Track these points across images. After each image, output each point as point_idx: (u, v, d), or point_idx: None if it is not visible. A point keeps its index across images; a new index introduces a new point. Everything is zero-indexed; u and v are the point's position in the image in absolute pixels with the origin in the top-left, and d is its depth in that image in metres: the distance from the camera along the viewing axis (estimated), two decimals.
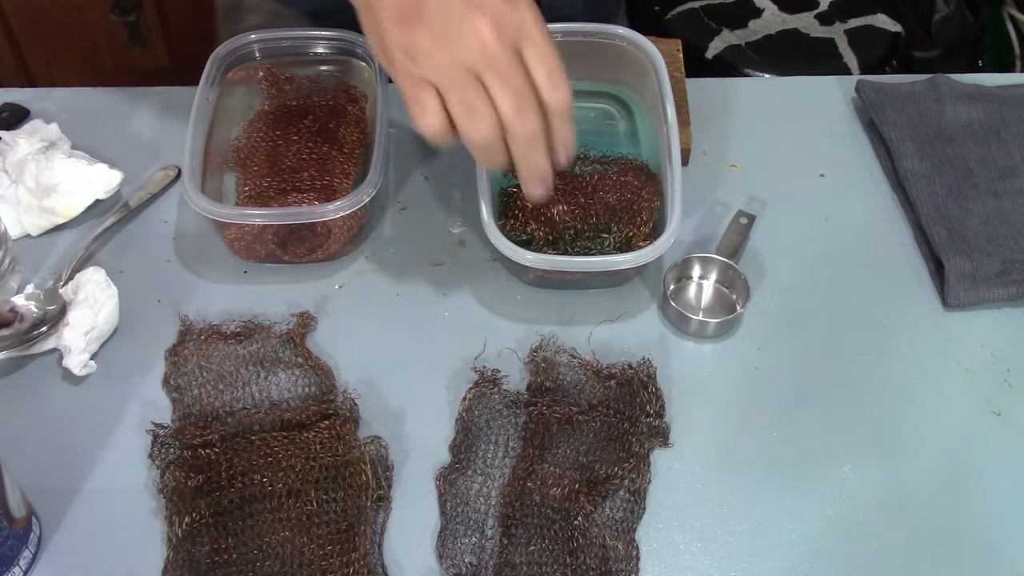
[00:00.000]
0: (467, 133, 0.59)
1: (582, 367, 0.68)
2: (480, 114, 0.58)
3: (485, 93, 0.58)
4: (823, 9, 1.49)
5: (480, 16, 0.57)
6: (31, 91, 0.89)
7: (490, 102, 0.58)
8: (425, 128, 0.59)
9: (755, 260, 0.76)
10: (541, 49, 0.59)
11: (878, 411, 0.67)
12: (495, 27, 0.57)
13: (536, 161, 0.61)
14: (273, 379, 0.67)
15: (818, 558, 0.60)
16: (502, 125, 0.59)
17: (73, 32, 1.59)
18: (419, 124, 0.60)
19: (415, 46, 0.58)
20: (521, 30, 0.58)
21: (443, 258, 0.76)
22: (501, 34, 0.57)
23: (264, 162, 0.76)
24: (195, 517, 0.59)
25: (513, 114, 0.59)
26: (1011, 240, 0.76)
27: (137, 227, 0.78)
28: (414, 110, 0.59)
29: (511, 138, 0.60)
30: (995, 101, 0.87)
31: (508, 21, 0.58)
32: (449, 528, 0.60)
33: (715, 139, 0.86)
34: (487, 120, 0.58)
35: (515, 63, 0.58)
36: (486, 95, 0.58)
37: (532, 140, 0.60)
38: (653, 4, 1.51)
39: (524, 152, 0.61)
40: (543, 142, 0.61)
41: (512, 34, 0.58)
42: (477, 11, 0.57)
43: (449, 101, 0.58)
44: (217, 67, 0.80)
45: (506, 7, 0.58)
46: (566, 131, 0.62)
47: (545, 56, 0.59)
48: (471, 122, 0.58)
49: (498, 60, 0.57)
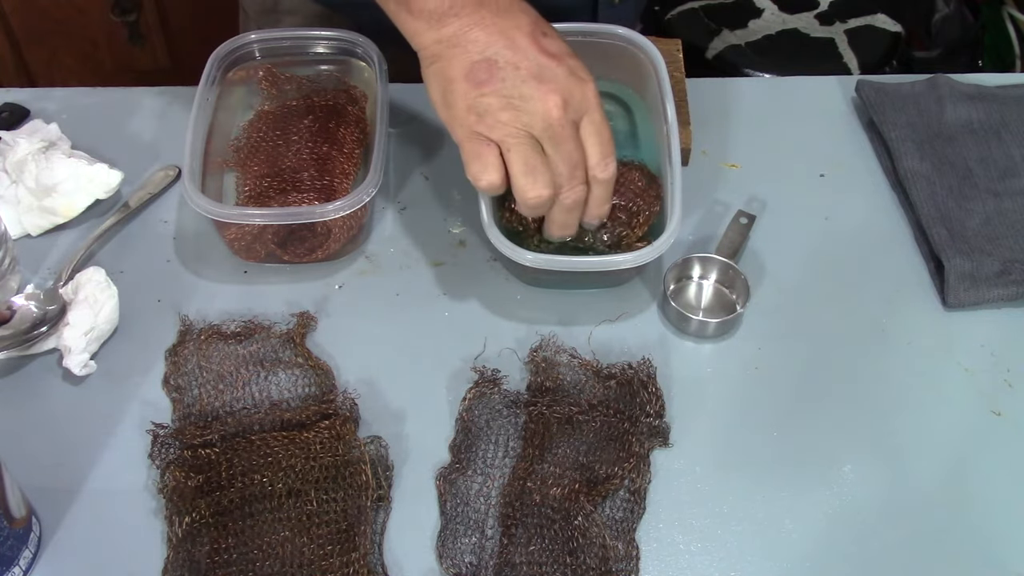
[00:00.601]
0: (525, 193, 0.63)
1: (582, 367, 0.68)
2: (539, 178, 0.63)
3: (545, 158, 0.63)
4: (823, 9, 1.49)
5: (548, 87, 0.61)
6: (31, 91, 0.89)
7: (548, 167, 0.63)
8: (484, 183, 0.64)
9: (755, 260, 0.76)
10: (598, 126, 0.64)
11: (878, 411, 0.67)
12: (562, 99, 0.62)
13: (569, 222, 0.68)
14: (273, 379, 0.67)
15: (818, 558, 0.60)
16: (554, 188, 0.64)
17: (73, 32, 1.59)
18: (478, 178, 0.64)
19: (484, 106, 0.62)
20: (583, 106, 0.63)
21: (443, 258, 0.76)
22: (566, 106, 0.62)
23: (264, 162, 0.76)
24: (195, 517, 0.59)
25: (563, 181, 0.64)
26: (1011, 240, 0.76)
27: (137, 227, 0.78)
28: (474, 165, 0.63)
29: (557, 202, 0.65)
30: (995, 101, 0.87)
31: (575, 97, 0.62)
32: (449, 528, 0.60)
33: (715, 139, 0.86)
34: (544, 183, 0.63)
35: (575, 136, 0.63)
36: (546, 160, 0.63)
37: (575, 206, 0.66)
38: (653, 4, 1.51)
39: (563, 215, 0.67)
40: (582, 207, 0.66)
41: (577, 106, 0.63)
42: (546, 84, 0.61)
43: (511, 161, 0.63)
44: (217, 67, 0.80)
45: (574, 84, 0.63)
46: (604, 201, 0.67)
47: (600, 132, 0.64)
48: (531, 184, 0.63)
49: (561, 132, 0.62)
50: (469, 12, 0.62)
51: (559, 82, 0.62)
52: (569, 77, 0.62)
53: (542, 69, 0.62)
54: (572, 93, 0.62)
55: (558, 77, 0.62)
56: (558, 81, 0.62)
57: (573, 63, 0.63)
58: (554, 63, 0.62)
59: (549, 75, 0.62)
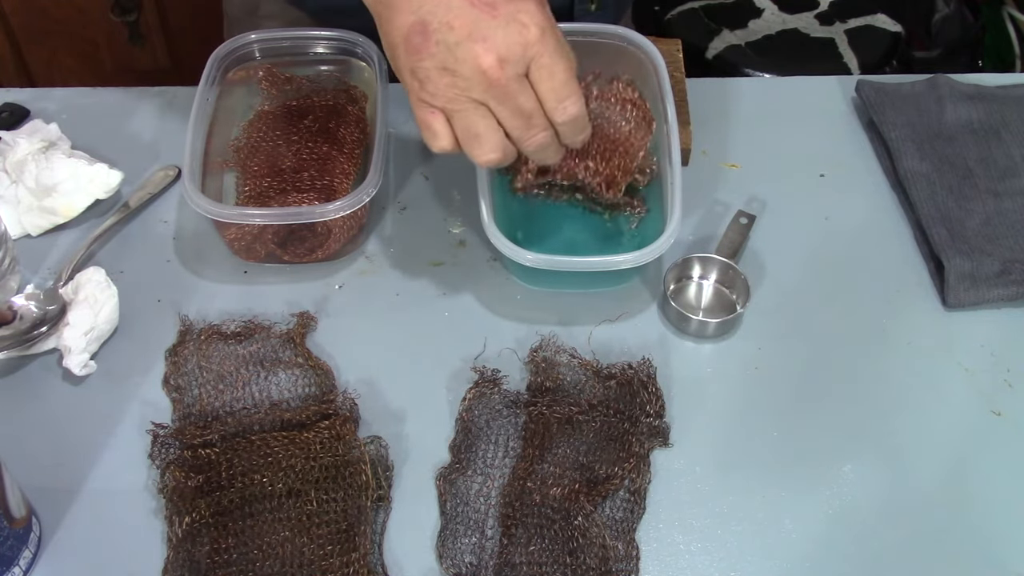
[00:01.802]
0: (472, 157, 0.62)
1: (582, 367, 0.68)
2: (484, 141, 0.61)
3: (492, 117, 0.60)
4: (823, 9, 1.49)
5: (482, 47, 0.58)
6: (31, 91, 0.89)
7: (496, 126, 0.61)
8: (436, 150, 0.62)
9: (755, 260, 0.76)
10: (549, 70, 0.59)
11: (878, 411, 0.67)
12: (497, 57, 0.58)
13: (546, 158, 0.65)
14: (273, 379, 0.67)
15: (818, 558, 0.60)
16: (512, 140, 0.62)
17: (73, 32, 1.59)
18: (430, 145, 0.62)
19: (424, 73, 0.59)
20: (528, 53, 0.59)
21: (443, 258, 0.76)
22: (504, 63, 0.58)
23: (264, 162, 0.76)
24: (195, 517, 0.59)
25: (520, 133, 0.61)
26: (1011, 240, 0.76)
27: (137, 227, 0.78)
28: (425, 132, 0.62)
29: (521, 149, 0.63)
30: (995, 101, 0.87)
31: (514, 50, 0.58)
32: (449, 528, 0.60)
33: (715, 139, 0.86)
34: (490, 144, 0.61)
35: (520, 87, 0.59)
36: (492, 119, 0.60)
37: (541, 149, 0.63)
38: (653, 4, 1.51)
39: (534, 155, 0.64)
40: (553, 145, 0.64)
41: (517, 59, 0.59)
42: (480, 43, 0.58)
43: (455, 128, 0.61)
44: (217, 67, 0.80)
45: (513, 34, 0.58)
46: (576, 133, 0.64)
47: (552, 76, 0.60)
48: (474, 149, 0.61)
49: (503, 90, 0.59)
50: None
51: (496, 37, 0.57)
52: (508, 27, 0.58)
53: (476, 25, 0.57)
54: (511, 46, 0.58)
55: (494, 31, 0.58)
56: (495, 36, 0.57)
57: (513, 7, 0.58)
58: (488, 15, 0.57)
59: (484, 30, 0.57)
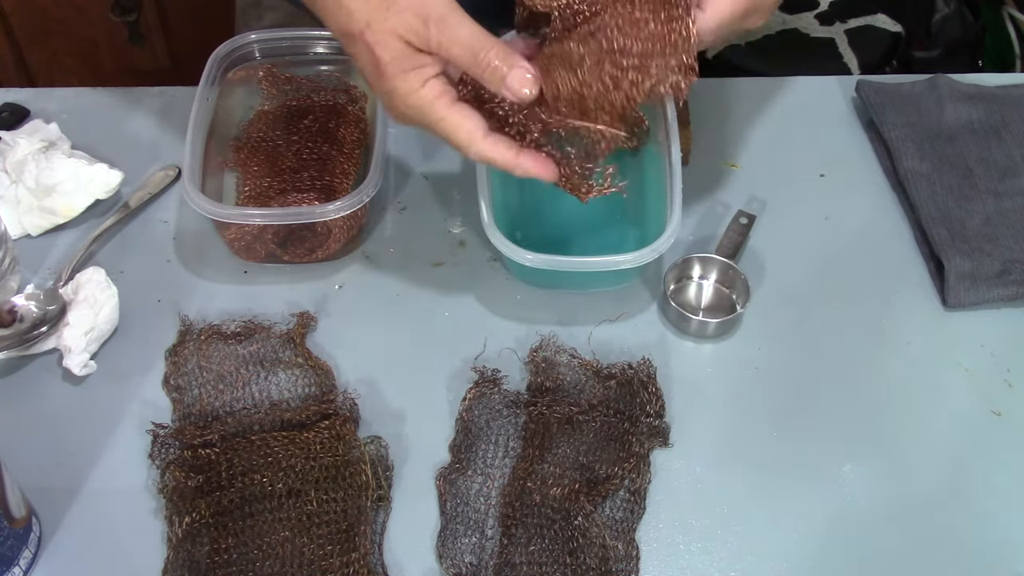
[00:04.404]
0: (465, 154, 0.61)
1: (582, 367, 0.68)
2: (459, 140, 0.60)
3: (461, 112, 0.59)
4: (823, 9, 1.49)
5: (381, 77, 0.58)
6: (31, 91, 0.89)
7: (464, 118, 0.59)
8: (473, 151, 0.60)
9: (755, 260, 0.76)
10: (447, 47, 0.57)
11: (878, 411, 0.67)
12: (390, 88, 0.58)
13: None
14: (273, 379, 0.67)
15: (818, 558, 0.60)
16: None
17: (73, 32, 1.59)
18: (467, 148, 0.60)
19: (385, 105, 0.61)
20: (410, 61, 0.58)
21: (443, 258, 0.76)
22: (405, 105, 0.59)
23: (264, 162, 0.76)
24: (195, 517, 0.59)
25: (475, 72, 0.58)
26: (1011, 240, 0.76)
27: (137, 227, 0.78)
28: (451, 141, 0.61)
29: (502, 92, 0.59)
30: (995, 101, 0.87)
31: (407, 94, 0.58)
32: (449, 528, 0.60)
33: (715, 139, 0.86)
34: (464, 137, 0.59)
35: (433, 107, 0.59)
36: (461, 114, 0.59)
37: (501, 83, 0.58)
38: None
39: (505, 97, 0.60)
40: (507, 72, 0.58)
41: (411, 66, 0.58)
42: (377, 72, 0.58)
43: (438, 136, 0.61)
44: (217, 67, 0.80)
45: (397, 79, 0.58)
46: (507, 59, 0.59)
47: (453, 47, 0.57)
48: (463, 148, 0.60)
49: (422, 101, 0.59)
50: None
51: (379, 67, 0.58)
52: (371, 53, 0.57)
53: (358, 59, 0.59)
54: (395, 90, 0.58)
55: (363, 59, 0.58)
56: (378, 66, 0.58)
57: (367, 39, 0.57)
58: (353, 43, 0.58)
59: (362, 61, 0.59)
